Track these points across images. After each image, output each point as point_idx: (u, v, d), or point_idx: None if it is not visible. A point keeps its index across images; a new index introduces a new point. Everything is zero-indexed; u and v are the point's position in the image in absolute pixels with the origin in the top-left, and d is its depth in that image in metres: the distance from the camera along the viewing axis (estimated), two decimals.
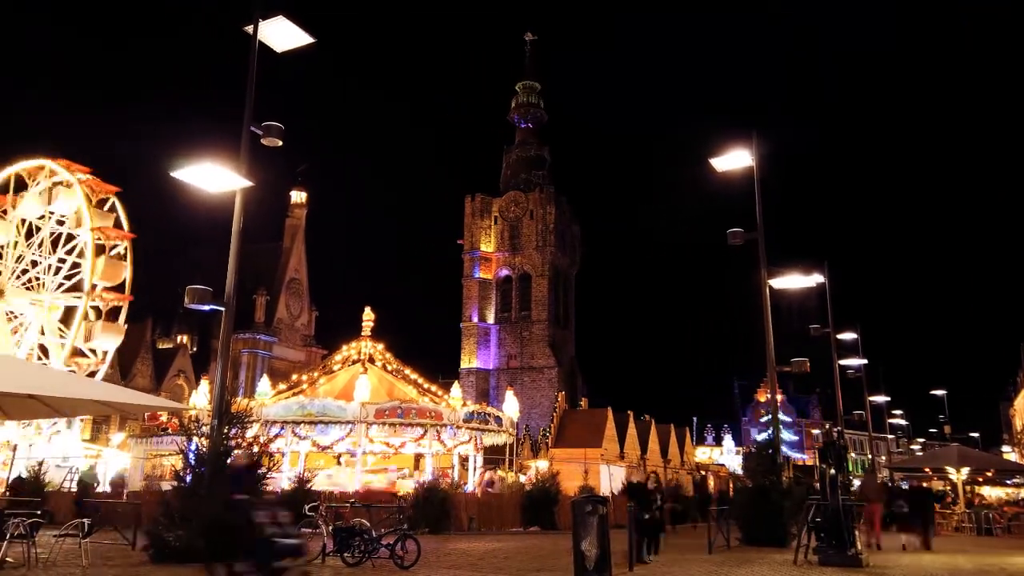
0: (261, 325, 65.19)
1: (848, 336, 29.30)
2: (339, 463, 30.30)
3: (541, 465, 37.91)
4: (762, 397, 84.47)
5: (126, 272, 35.26)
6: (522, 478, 30.77)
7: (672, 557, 14.59)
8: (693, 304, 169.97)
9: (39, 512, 12.72)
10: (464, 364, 72.51)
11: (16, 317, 35.73)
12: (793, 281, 19.07)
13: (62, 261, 35.30)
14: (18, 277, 35.60)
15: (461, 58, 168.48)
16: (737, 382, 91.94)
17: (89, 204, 34.64)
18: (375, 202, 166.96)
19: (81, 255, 34.69)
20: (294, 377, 33.14)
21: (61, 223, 35.68)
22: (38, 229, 35.91)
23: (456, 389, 30.53)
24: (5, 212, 36.07)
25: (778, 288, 19.05)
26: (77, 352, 34.05)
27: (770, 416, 19.30)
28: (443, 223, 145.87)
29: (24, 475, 21.78)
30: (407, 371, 31.98)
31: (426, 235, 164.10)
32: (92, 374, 33.35)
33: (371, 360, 31.51)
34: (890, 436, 73.29)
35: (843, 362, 28.87)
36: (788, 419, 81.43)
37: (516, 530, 23.53)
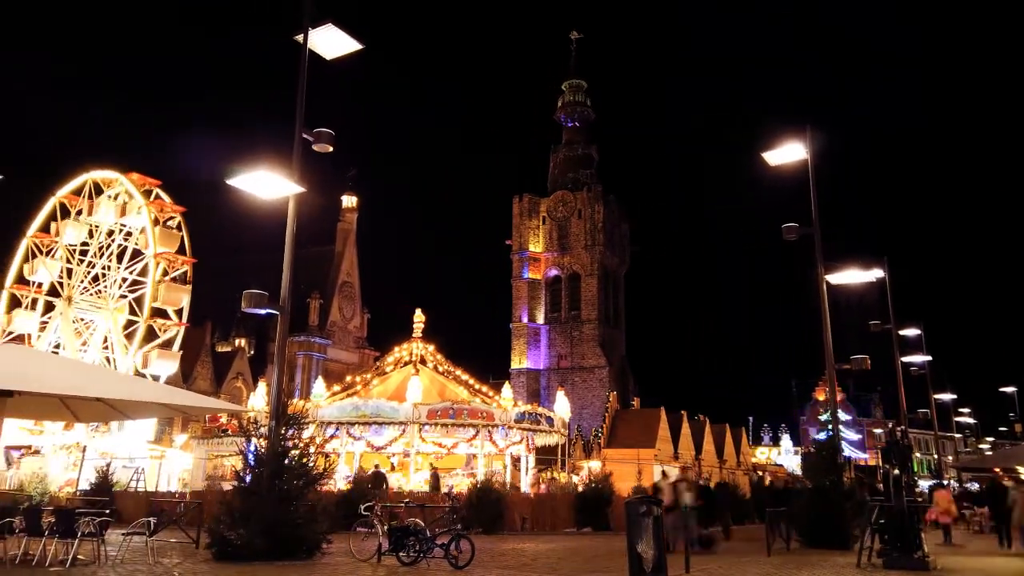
0: (315, 328, 66.41)
1: (911, 332, 28.36)
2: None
3: (594, 466, 37.72)
4: (821, 396, 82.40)
5: (186, 299, 35.91)
6: (574, 479, 30.63)
7: (730, 559, 14.33)
8: (747, 302, 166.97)
9: (108, 511, 13.16)
10: (514, 364, 72.61)
11: (82, 322, 37.11)
12: (851, 276, 18.55)
13: (125, 279, 36.43)
14: (85, 285, 36.97)
15: (506, 59, 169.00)
16: (794, 381, 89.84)
17: (155, 225, 35.31)
18: (423, 204, 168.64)
19: (144, 274, 35.67)
20: (348, 379, 33.66)
21: (130, 235, 36.82)
22: (110, 235, 37.12)
23: (507, 389, 30.60)
24: (80, 213, 37.38)
25: (836, 284, 18.55)
26: (137, 374, 35.15)
27: (829, 415, 18.82)
28: (491, 224, 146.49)
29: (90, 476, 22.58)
30: (458, 372, 32.18)
31: (474, 236, 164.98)
32: (156, 377, 34.38)
33: (422, 361, 31.79)
34: (957, 435, 70.67)
35: (906, 359, 27.95)
36: (848, 418, 79.26)
37: (569, 531, 23.44)
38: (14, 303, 37.50)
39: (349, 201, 74.18)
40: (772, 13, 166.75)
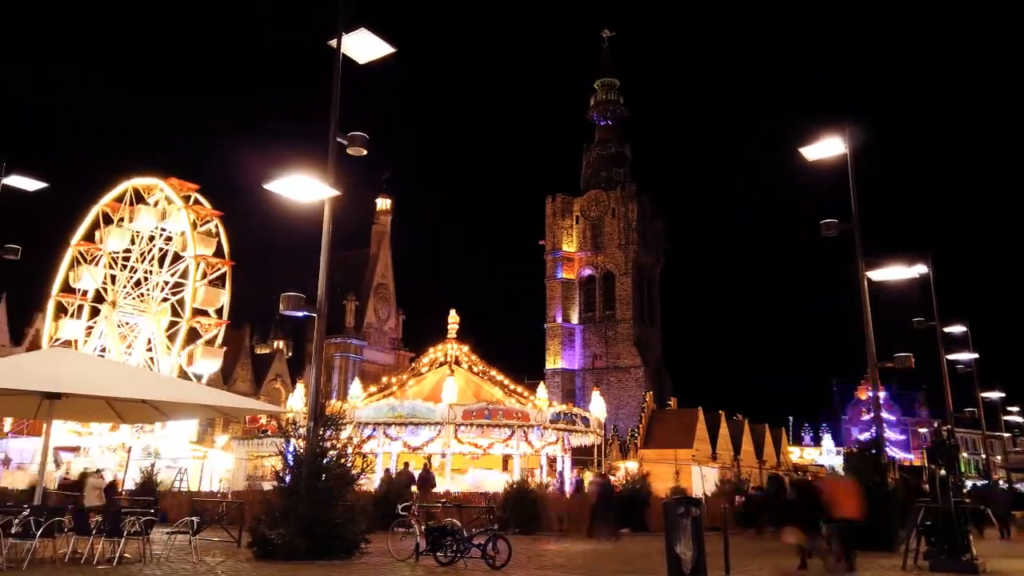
0: (351, 330, 67.15)
1: (956, 329, 27.62)
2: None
3: (630, 466, 37.48)
4: (863, 395, 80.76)
5: (224, 298, 36.72)
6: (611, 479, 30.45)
7: (772, 560, 14.11)
8: (786, 299, 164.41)
9: (152, 511, 13.45)
10: (549, 365, 72.53)
11: (127, 326, 38.03)
12: (894, 272, 18.14)
13: (166, 283, 37.27)
14: (128, 290, 37.89)
15: (538, 58, 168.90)
16: (835, 379, 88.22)
17: (193, 229, 36.21)
18: (455, 205, 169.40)
19: (185, 276, 36.50)
20: (384, 379, 33.94)
21: (170, 239, 37.68)
22: (151, 239, 38.03)
23: (542, 390, 30.53)
24: (121, 220, 38.36)
25: (878, 280, 18.16)
26: (182, 375, 35.93)
27: (872, 414, 18.42)
28: (524, 224, 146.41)
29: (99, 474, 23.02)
30: (493, 372, 32.23)
31: (507, 237, 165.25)
32: (197, 378, 35.08)
33: (457, 362, 31.91)
34: (1006, 434, 68.69)
35: (951, 356, 27.24)
36: (892, 417, 77.57)
37: None
38: (61, 311, 38.57)
39: (383, 204, 74.87)
40: (808, 7, 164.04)
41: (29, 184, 19.67)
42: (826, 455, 69.22)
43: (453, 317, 32.44)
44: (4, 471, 30.19)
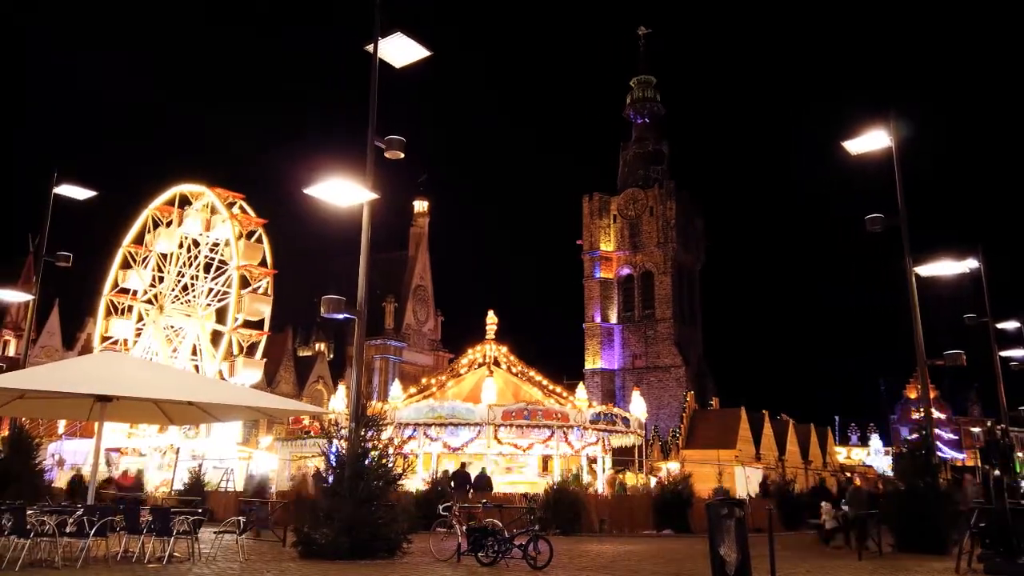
0: (391, 331, 67.78)
1: (1010, 325, 26.72)
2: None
3: (672, 467, 37.10)
4: (912, 394, 78.73)
5: (266, 309, 37.22)
6: (652, 481, 30.21)
7: (820, 563, 13.85)
8: (831, 296, 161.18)
9: (200, 511, 13.74)
10: (588, 365, 72.25)
11: (172, 329, 38.97)
12: (943, 268, 17.63)
13: (211, 290, 38.07)
14: (176, 294, 38.83)
15: (573, 57, 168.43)
16: (883, 378, 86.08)
17: (238, 239, 36.83)
18: (491, 206, 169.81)
19: (229, 284, 37.20)
20: (423, 381, 34.16)
21: (215, 247, 38.47)
22: (196, 244, 38.89)
23: (581, 390, 30.41)
24: (170, 224, 39.33)
25: (926, 276, 17.68)
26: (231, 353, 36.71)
27: (922, 414, 17.94)
28: (561, 224, 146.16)
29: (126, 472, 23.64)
30: (531, 373, 32.21)
31: (544, 237, 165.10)
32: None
33: (496, 363, 31.95)
34: None
35: (1004, 353, 26.37)
36: (943, 416, 75.45)
37: (648, 532, 23.13)
38: (111, 311, 39.66)
39: (421, 206, 75.41)
40: None
41: (80, 193, 20.29)
42: (874, 455, 67.65)
43: (491, 318, 32.50)
44: (59, 472, 31.12)
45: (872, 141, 16.90)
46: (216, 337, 37.13)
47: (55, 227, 20.45)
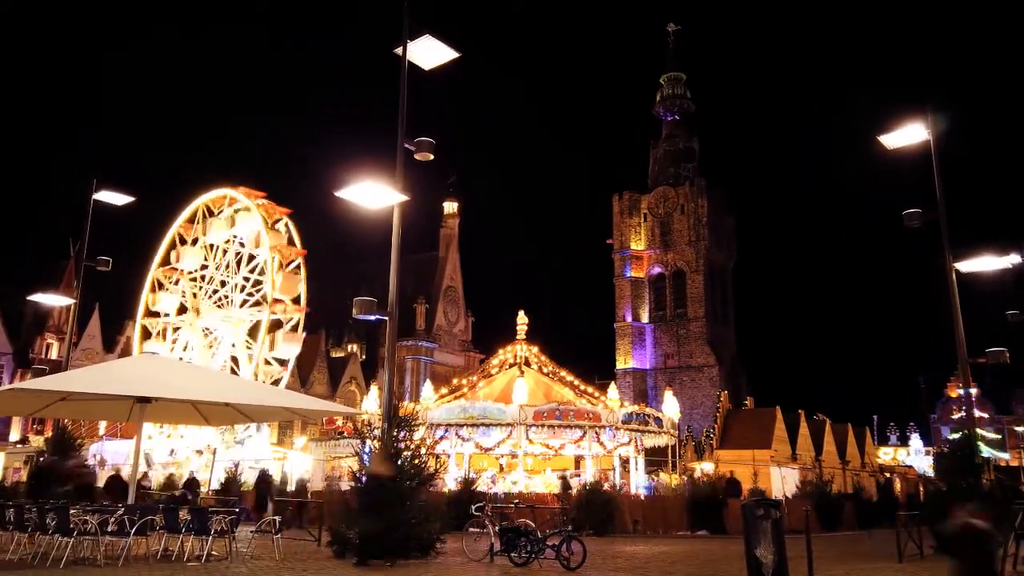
0: (422, 332, 68.14)
1: None
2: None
3: (706, 467, 36.75)
4: (953, 392, 76.94)
5: (301, 285, 38.09)
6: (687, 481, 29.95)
7: (860, 565, 13.59)
8: (868, 293, 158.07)
9: (237, 510, 13.94)
10: (620, 365, 71.87)
11: (211, 333, 39.61)
12: (984, 263, 17.19)
13: (246, 279, 38.72)
14: (210, 297, 39.51)
15: (602, 55, 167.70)
16: (923, 377, 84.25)
17: (266, 226, 37.70)
18: (521, 206, 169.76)
19: (262, 272, 37.86)
20: (454, 381, 34.29)
21: (243, 244, 39.14)
22: (224, 252, 39.60)
23: (613, 390, 30.27)
24: (196, 240, 40.09)
25: (967, 272, 17.25)
26: (264, 362, 37.22)
27: (964, 413, 17.51)
28: (590, 223, 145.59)
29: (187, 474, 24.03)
30: (563, 373, 32.14)
31: (573, 236, 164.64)
32: (277, 381, 36.28)
33: (527, 363, 31.95)
34: None
35: None
36: (985, 415, 73.60)
37: (682, 533, 22.93)
38: (147, 334, 40.51)
39: (450, 207, 75.71)
40: None
41: (118, 199, 20.72)
42: (914, 456, 66.22)
43: (522, 318, 32.51)
44: (100, 472, 31.83)
45: (909, 135, 16.54)
46: (254, 330, 37.66)
47: (95, 232, 20.92)
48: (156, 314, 40.25)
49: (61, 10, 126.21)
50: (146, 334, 40.00)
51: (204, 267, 39.82)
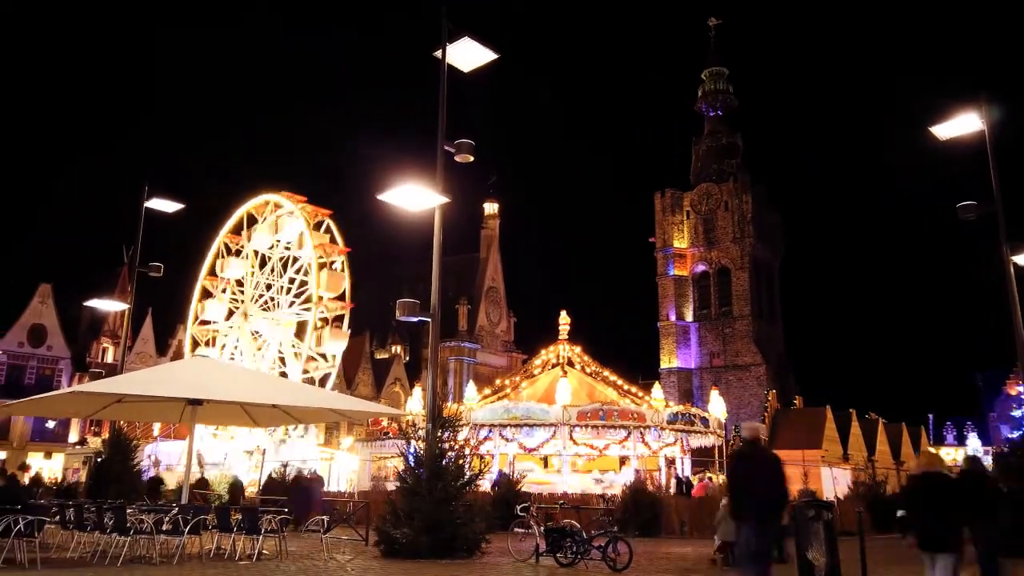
0: (465, 333, 68.49)
1: None
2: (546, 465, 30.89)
3: None
4: (1013, 390, 74.21)
5: (345, 282, 38.60)
6: None
7: (914, 569, 13.17)
8: (921, 288, 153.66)
9: (286, 510, 14.17)
10: (664, 364, 71.14)
11: (259, 336, 40.42)
12: None
13: (291, 281, 39.42)
14: (256, 301, 40.31)
15: (641, 52, 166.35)
16: (980, 374, 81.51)
17: (308, 227, 38.36)
18: (562, 205, 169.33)
19: (306, 272, 38.50)
20: (497, 382, 34.38)
21: (287, 248, 39.84)
22: (269, 258, 40.37)
23: (657, 390, 30.03)
24: (240, 250, 40.95)
25: None
26: (310, 359, 37.81)
27: None
28: (632, 222, 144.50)
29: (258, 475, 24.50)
30: (606, 373, 31.98)
31: (616, 235, 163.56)
32: (325, 377, 36.81)
33: (569, 363, 31.88)
34: None
35: None
36: None
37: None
38: (196, 343, 41.43)
39: (491, 208, 75.93)
40: None
41: (168, 206, 21.27)
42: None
43: (564, 318, 32.43)
44: (154, 471, 32.74)
45: (962, 125, 16.00)
46: (300, 330, 38.26)
47: (147, 238, 21.50)
48: (206, 322, 41.21)
49: (102, 12, 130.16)
50: (195, 344, 40.97)
51: (251, 274, 40.63)
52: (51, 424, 51.05)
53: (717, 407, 31.23)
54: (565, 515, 15.13)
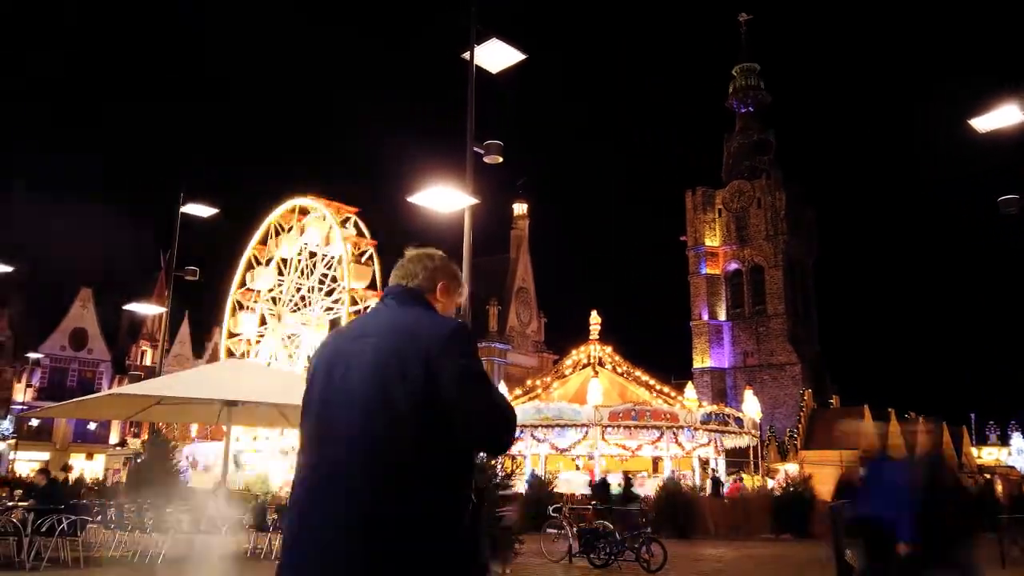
0: (495, 334, 68.57)
1: None
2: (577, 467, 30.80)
3: (790, 468, 35.60)
4: None
5: (375, 271, 38.96)
6: (770, 483, 29.11)
7: None
8: (961, 286, 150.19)
9: None
10: (696, 364, 70.47)
11: (293, 339, 40.95)
12: None
13: (321, 280, 39.87)
14: (287, 305, 40.84)
15: (671, 49, 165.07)
16: None
17: (337, 223, 38.76)
18: (591, 204, 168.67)
19: (335, 268, 38.89)
20: (528, 382, 34.35)
21: (315, 249, 40.27)
22: (299, 261, 40.85)
23: (690, 390, 29.78)
24: (269, 259, 41.46)
25: None
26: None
27: None
28: (662, 220, 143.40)
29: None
30: (637, 373, 31.79)
31: (646, 234, 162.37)
32: None
33: (600, 363, 31.74)
34: None
35: None
36: None
37: (766, 537, 22.29)
38: (231, 353, 41.93)
39: (520, 208, 75.89)
40: None
41: (204, 211, 21.61)
42: (1016, 456, 62.52)
43: (595, 318, 32.31)
44: (192, 472, 33.30)
45: (1003, 117, 15.58)
46: (333, 327, 38.63)
47: (183, 243, 21.87)
48: (237, 334, 41.80)
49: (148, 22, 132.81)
50: (230, 354, 41.57)
51: (280, 282, 41.11)
52: (92, 426, 52.29)
53: (751, 407, 30.87)
54: (598, 516, 15.06)
